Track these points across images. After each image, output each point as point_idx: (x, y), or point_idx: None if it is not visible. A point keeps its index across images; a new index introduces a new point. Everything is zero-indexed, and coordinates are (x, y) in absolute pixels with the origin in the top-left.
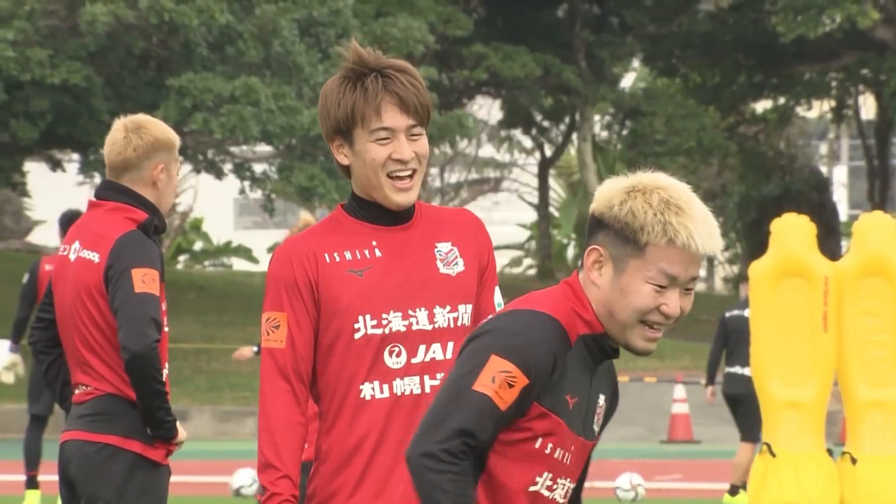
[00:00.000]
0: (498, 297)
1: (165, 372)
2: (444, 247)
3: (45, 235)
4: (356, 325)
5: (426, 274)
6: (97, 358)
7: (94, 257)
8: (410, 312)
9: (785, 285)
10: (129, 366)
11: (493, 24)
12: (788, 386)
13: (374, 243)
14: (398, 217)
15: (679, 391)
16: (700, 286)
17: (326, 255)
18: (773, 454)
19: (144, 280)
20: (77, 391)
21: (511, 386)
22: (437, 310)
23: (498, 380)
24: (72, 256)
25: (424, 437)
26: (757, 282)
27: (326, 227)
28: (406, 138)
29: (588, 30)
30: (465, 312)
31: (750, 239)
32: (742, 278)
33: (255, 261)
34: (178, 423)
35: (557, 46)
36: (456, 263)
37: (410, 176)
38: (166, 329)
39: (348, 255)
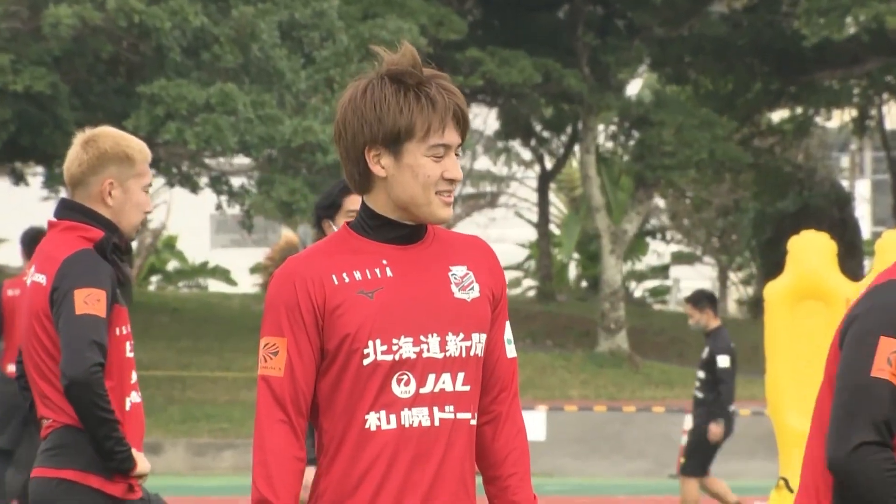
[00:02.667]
0: (508, 333)
1: (133, 401)
2: (459, 270)
3: (7, 254)
4: (365, 351)
5: (440, 297)
6: (52, 387)
7: (43, 280)
8: (422, 338)
9: (803, 308)
10: (67, 392)
11: (489, 27)
12: (807, 417)
13: (384, 262)
14: (410, 235)
15: (689, 421)
16: None
17: (334, 277)
18: (790, 489)
19: (87, 301)
20: (43, 424)
21: None
22: (450, 337)
23: (894, 360)
24: (28, 281)
25: (841, 442)
26: (773, 304)
27: (332, 246)
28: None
29: (592, 33)
30: (478, 342)
31: (765, 258)
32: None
33: (233, 282)
34: (137, 454)
35: (559, 51)
36: (472, 288)
37: (450, 194)
38: (130, 355)
39: (358, 276)
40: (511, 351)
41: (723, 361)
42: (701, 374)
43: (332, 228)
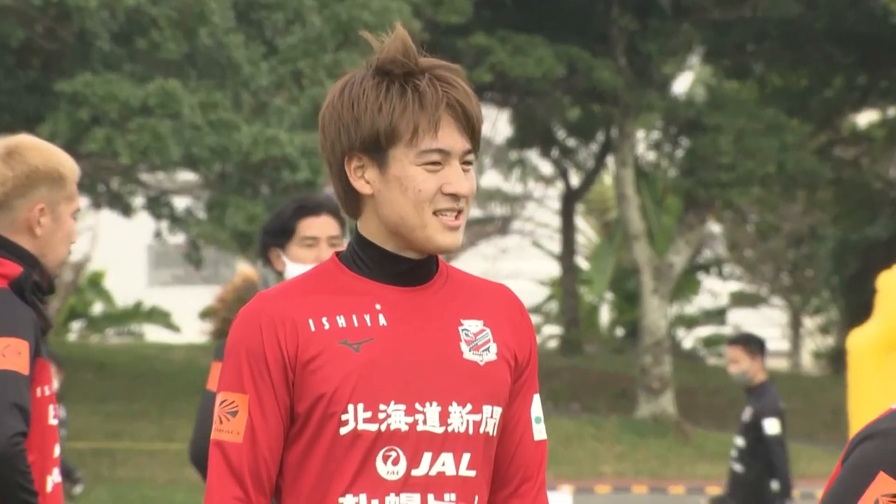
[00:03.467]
0: (536, 409)
1: (55, 480)
2: (472, 325)
3: None
4: (344, 417)
5: (445, 356)
6: None
7: None
8: (418, 407)
9: None
10: None
11: (499, 8)
12: None
13: (377, 307)
14: (413, 274)
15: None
16: (781, 363)
17: (311, 321)
18: None
19: (5, 353)
20: None
21: None
22: (454, 407)
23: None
24: None
25: None
26: (859, 357)
27: (313, 281)
28: (459, 166)
29: (629, 14)
30: (490, 417)
31: (849, 299)
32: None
33: (175, 329)
34: None
35: (587, 37)
36: (487, 349)
37: (457, 215)
38: (54, 422)
39: (341, 321)
40: (539, 432)
41: (771, 427)
42: (740, 442)
43: (283, 261)
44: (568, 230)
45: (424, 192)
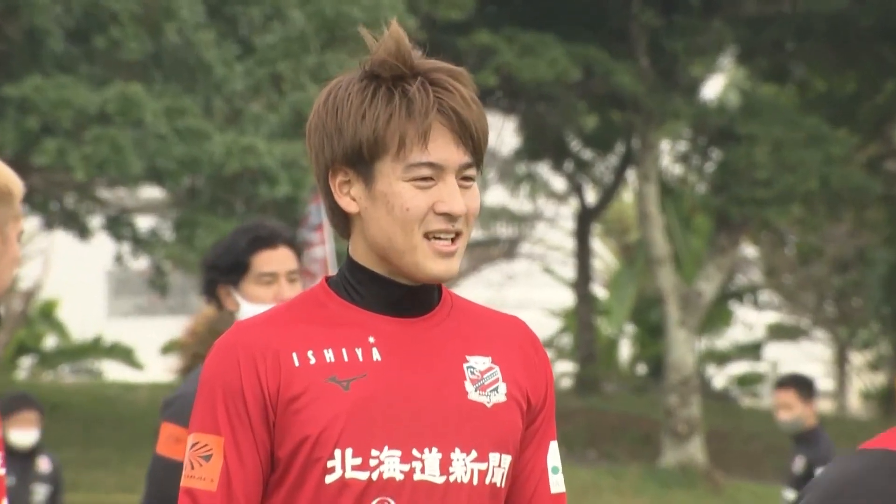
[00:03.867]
0: (553, 458)
1: None
2: (479, 361)
3: None
4: (330, 463)
5: (446, 396)
6: None
7: None
8: (415, 453)
9: None
10: None
11: (505, 2)
12: None
13: (371, 340)
14: (411, 302)
15: None
16: (826, 405)
17: (295, 354)
18: None
19: None
20: None
21: None
22: (457, 454)
23: None
24: None
25: None
26: None
27: (298, 310)
28: (456, 183)
29: (652, 10)
30: (497, 466)
31: None
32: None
33: (138, 366)
34: None
35: (605, 36)
36: (495, 389)
37: (453, 239)
38: (2, 471)
39: (330, 356)
40: (557, 484)
41: None
42: (790, 496)
43: (236, 300)
44: (583, 254)
45: (413, 210)
